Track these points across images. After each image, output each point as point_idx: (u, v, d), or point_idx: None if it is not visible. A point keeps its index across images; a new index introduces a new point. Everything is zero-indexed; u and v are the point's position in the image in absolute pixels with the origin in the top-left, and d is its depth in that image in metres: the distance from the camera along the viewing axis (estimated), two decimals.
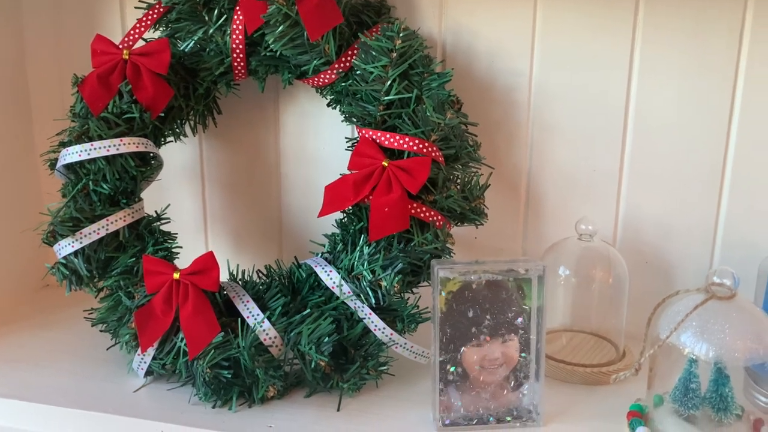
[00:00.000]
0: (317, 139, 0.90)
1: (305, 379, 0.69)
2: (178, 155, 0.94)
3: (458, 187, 0.74)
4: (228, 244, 0.97)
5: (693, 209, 0.80)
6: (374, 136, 0.72)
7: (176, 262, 0.77)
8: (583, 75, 0.80)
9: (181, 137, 0.87)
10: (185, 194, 0.96)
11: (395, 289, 0.66)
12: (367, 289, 0.68)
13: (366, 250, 0.68)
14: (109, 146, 0.73)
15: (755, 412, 0.59)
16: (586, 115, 0.81)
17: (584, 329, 0.80)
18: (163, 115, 0.79)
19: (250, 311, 0.69)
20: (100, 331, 0.76)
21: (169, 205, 0.81)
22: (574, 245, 0.76)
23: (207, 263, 0.68)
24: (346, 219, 0.74)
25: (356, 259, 0.69)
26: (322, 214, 0.70)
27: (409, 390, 0.71)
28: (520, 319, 0.64)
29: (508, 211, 0.86)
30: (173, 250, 0.78)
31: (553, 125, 0.82)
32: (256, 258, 0.90)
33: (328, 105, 0.81)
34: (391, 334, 0.69)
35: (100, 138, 0.73)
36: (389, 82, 0.72)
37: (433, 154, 0.71)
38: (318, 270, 0.70)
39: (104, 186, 0.74)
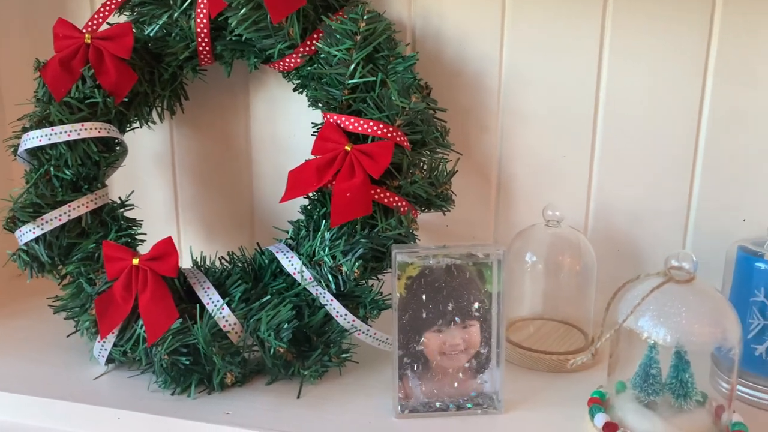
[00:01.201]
0: (288, 126, 0.89)
1: (267, 366, 0.68)
2: (149, 143, 0.93)
3: (425, 173, 0.73)
4: (200, 232, 0.96)
5: (664, 196, 0.79)
6: (338, 121, 0.71)
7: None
8: (553, 60, 0.79)
9: (149, 124, 0.86)
10: (156, 182, 0.95)
11: (356, 274, 0.65)
12: (328, 274, 0.67)
13: (327, 235, 0.67)
14: (70, 131, 0.72)
15: (718, 399, 0.58)
16: (557, 101, 0.80)
17: (554, 317, 0.79)
18: (127, 100, 0.78)
19: (210, 297, 0.68)
20: (64, 318, 0.75)
21: (133, 191, 0.80)
22: (542, 232, 0.75)
23: (166, 249, 0.67)
24: (310, 205, 0.73)
25: (317, 244, 0.68)
26: (284, 199, 0.69)
27: (373, 377, 0.70)
28: (477, 305, 0.63)
29: (480, 199, 0.85)
30: (137, 237, 0.77)
31: (524, 111, 0.81)
32: (228, 246, 0.89)
33: (295, 90, 0.80)
34: (354, 321, 0.68)
35: (62, 123, 0.72)
36: (353, 66, 0.71)
37: (398, 138, 0.70)
38: (279, 256, 0.70)
39: (66, 172, 0.73)
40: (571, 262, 0.74)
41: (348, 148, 0.68)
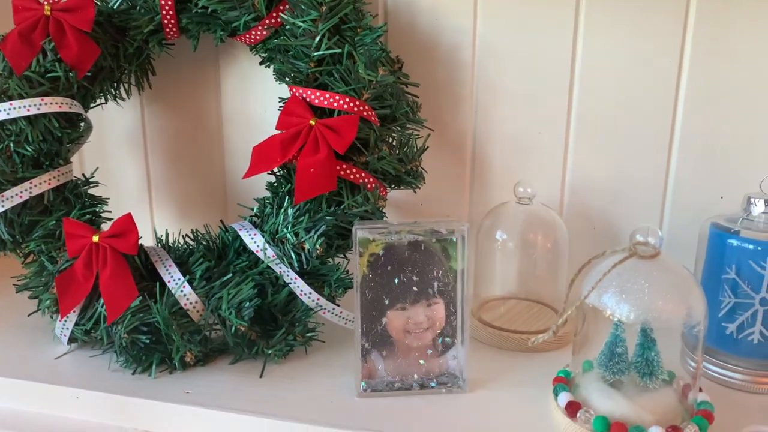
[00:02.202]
0: (259, 102, 0.87)
1: (230, 345, 0.67)
2: (119, 120, 0.92)
3: (394, 149, 0.71)
4: (173, 210, 0.94)
5: (640, 173, 0.77)
6: (304, 95, 0.69)
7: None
8: (528, 35, 0.77)
9: (118, 100, 0.84)
10: (128, 161, 0.94)
11: (318, 251, 0.64)
12: (291, 252, 0.65)
13: (291, 212, 0.66)
14: (30, 106, 0.70)
15: (686, 378, 0.57)
16: (532, 77, 0.78)
17: (528, 296, 0.78)
18: (90, 75, 0.76)
19: (172, 276, 0.67)
20: (28, 297, 0.74)
21: (97, 168, 0.78)
22: (513, 209, 0.73)
23: (125, 226, 0.66)
24: (276, 181, 0.71)
25: (281, 221, 0.66)
26: (247, 175, 0.68)
27: (339, 357, 0.69)
28: (441, 282, 0.61)
29: (454, 177, 0.83)
30: (101, 214, 0.75)
31: (498, 86, 0.79)
32: (201, 224, 0.88)
33: (261, 63, 0.78)
34: (318, 299, 0.66)
35: (21, 98, 0.70)
36: (319, 38, 0.69)
37: (365, 113, 0.68)
38: (242, 234, 0.68)
39: (27, 148, 0.71)
40: (542, 240, 0.73)
41: (312, 122, 0.66)
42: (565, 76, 0.77)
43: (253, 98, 0.87)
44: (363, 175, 0.68)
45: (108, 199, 0.77)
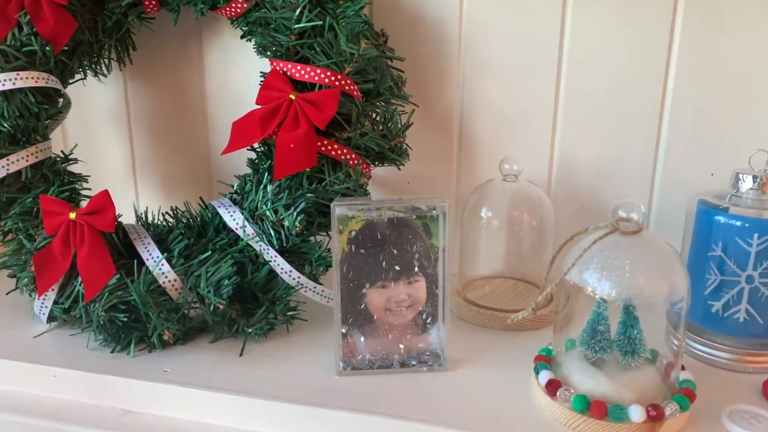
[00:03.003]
0: (243, 77, 0.85)
1: (209, 323, 0.66)
2: (102, 98, 0.90)
3: (378, 125, 0.70)
4: (158, 188, 0.93)
5: (630, 150, 0.76)
6: (285, 68, 0.68)
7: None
8: (516, 8, 0.75)
9: (99, 76, 0.83)
10: (112, 138, 0.92)
11: (297, 229, 0.63)
12: (270, 229, 0.64)
13: (270, 189, 0.65)
14: (5, 80, 0.69)
15: (669, 356, 0.56)
16: (520, 51, 0.76)
17: (515, 275, 0.77)
18: (68, 49, 0.74)
19: (150, 253, 0.66)
20: (8, 276, 0.73)
21: (76, 145, 0.77)
22: (499, 186, 0.72)
23: (102, 203, 0.64)
24: (256, 158, 0.70)
25: (260, 198, 0.65)
26: (225, 151, 0.66)
27: (321, 335, 0.68)
28: (423, 260, 0.60)
29: (441, 154, 0.82)
30: (81, 192, 0.74)
31: (486, 61, 0.78)
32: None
33: (242, 37, 0.76)
34: (299, 278, 0.66)
35: None
36: (299, 9, 0.67)
37: (347, 87, 0.66)
38: (221, 211, 0.67)
39: (3, 124, 0.69)
40: (528, 218, 0.71)
41: (292, 96, 0.65)
42: (554, 50, 0.75)
43: (237, 74, 0.85)
44: (345, 151, 0.67)
45: (88, 176, 0.76)
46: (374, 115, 0.70)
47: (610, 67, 0.74)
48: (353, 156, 0.67)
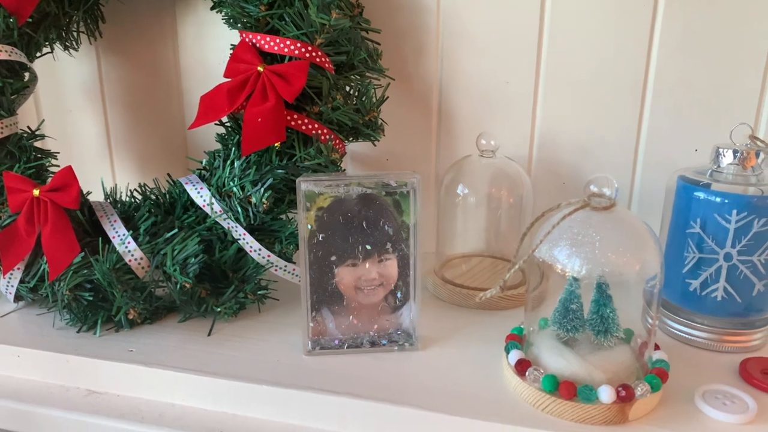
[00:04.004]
0: (218, 51, 0.83)
1: (177, 302, 0.65)
2: (76, 73, 0.88)
3: (351, 99, 0.68)
4: (134, 164, 0.91)
5: (613, 125, 0.74)
6: (254, 40, 0.65)
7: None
8: None
9: (70, 50, 0.81)
10: (87, 115, 0.90)
11: (264, 206, 0.61)
12: (238, 206, 0.62)
13: (237, 164, 0.63)
14: None
15: (644, 336, 0.55)
16: (500, 22, 0.74)
17: (494, 254, 0.75)
18: (33, 21, 0.72)
19: (117, 231, 0.64)
20: None
21: (43, 120, 0.75)
22: (476, 163, 0.70)
23: (66, 179, 0.63)
24: (225, 133, 0.68)
25: (227, 174, 0.63)
26: (193, 125, 0.64)
27: (293, 315, 0.66)
28: (394, 237, 0.58)
29: (420, 130, 0.80)
30: (49, 168, 0.72)
31: (465, 33, 0.75)
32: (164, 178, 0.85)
33: (212, 8, 0.73)
34: (269, 256, 0.64)
35: None
36: None
37: (317, 59, 0.64)
38: (188, 188, 0.65)
39: None
40: (506, 195, 0.70)
41: (260, 69, 0.63)
42: (535, 22, 0.73)
43: (212, 48, 0.83)
44: (316, 126, 0.65)
45: (57, 153, 0.74)
46: (348, 89, 0.68)
47: (592, 41, 0.72)
48: (325, 131, 0.65)
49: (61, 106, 0.91)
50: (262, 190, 0.61)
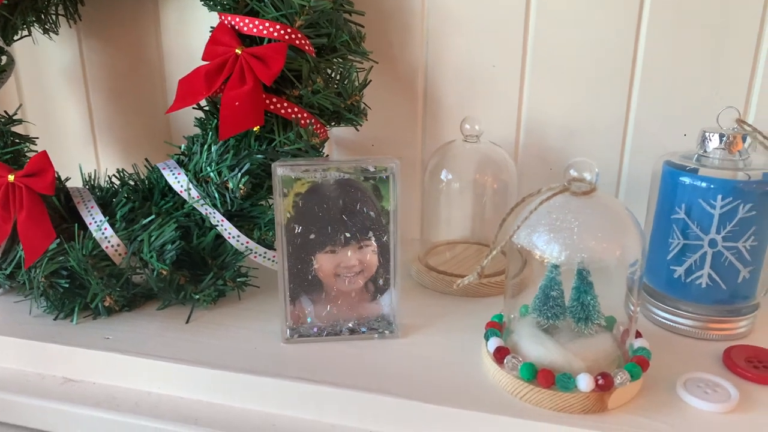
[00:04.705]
0: (200, 35, 0.81)
1: (155, 290, 0.64)
2: (58, 58, 0.87)
3: (332, 83, 0.66)
4: (118, 152, 0.90)
5: (601, 109, 0.72)
6: (232, 22, 0.64)
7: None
8: None
9: (50, 34, 0.79)
10: (70, 100, 0.89)
11: (241, 191, 0.60)
12: (215, 192, 0.61)
13: (215, 149, 0.62)
14: None
15: (626, 323, 0.54)
16: (486, 4, 0.72)
17: (479, 240, 0.74)
18: (8, 3, 0.70)
19: (93, 217, 0.63)
20: None
21: (21, 105, 0.74)
22: (460, 148, 0.69)
23: (41, 164, 0.62)
24: (204, 116, 0.67)
25: (204, 159, 0.62)
26: (170, 110, 0.63)
27: (274, 302, 0.65)
28: (369, 224, 0.57)
29: (405, 114, 0.79)
30: (27, 154, 0.71)
31: (451, 15, 0.73)
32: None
33: None
34: (247, 243, 0.63)
35: None
36: None
37: (297, 41, 0.63)
38: (165, 173, 0.64)
39: None
40: (491, 181, 0.69)
41: (238, 51, 0.61)
42: (521, 4, 0.71)
43: (194, 31, 0.82)
44: (296, 110, 0.64)
45: (36, 138, 0.73)
46: (330, 72, 0.67)
47: (580, 24, 0.70)
48: (305, 115, 0.64)
49: (44, 91, 0.89)
50: (239, 175, 0.60)
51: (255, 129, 0.63)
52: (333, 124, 0.68)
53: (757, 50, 0.67)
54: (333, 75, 0.67)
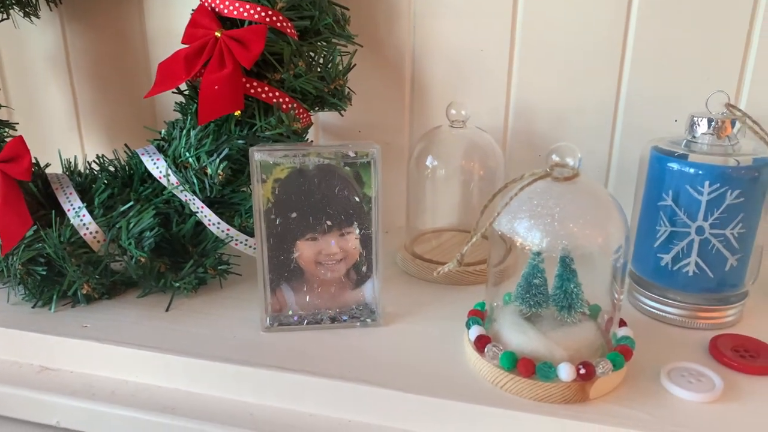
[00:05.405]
0: (184, 18, 0.78)
1: (134, 277, 0.63)
2: (41, 43, 0.85)
3: (315, 66, 0.65)
4: (103, 137, 0.89)
5: (591, 94, 0.71)
6: (213, 4, 0.62)
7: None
8: None
9: (32, 17, 0.78)
10: (54, 88, 0.88)
11: (220, 177, 0.59)
12: (194, 178, 0.60)
13: (193, 134, 0.60)
14: None
15: (610, 311, 0.53)
16: None
17: (467, 228, 0.72)
18: None
19: (72, 204, 0.62)
20: None
21: (0, 89, 0.72)
22: (446, 134, 0.67)
23: (17, 150, 0.60)
24: (184, 101, 0.66)
25: (183, 145, 0.61)
26: (149, 94, 0.62)
27: (255, 291, 0.64)
28: (355, 210, 0.56)
29: (393, 100, 0.77)
30: (6, 139, 0.70)
31: None
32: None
33: None
34: (228, 230, 0.62)
35: None
36: None
37: (278, 24, 0.61)
38: (144, 159, 0.63)
39: None
40: (477, 167, 0.67)
41: (218, 34, 0.60)
42: None
43: (179, 14, 0.80)
44: (277, 94, 0.62)
45: (16, 123, 0.72)
46: (313, 56, 0.66)
47: (569, 7, 0.69)
48: (287, 99, 0.63)
49: (26, 75, 0.88)
50: (218, 160, 0.59)
51: (236, 113, 0.62)
52: (317, 109, 0.67)
53: (749, 34, 0.66)
54: (316, 59, 0.66)
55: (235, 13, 0.62)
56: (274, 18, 0.61)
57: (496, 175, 0.67)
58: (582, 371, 0.47)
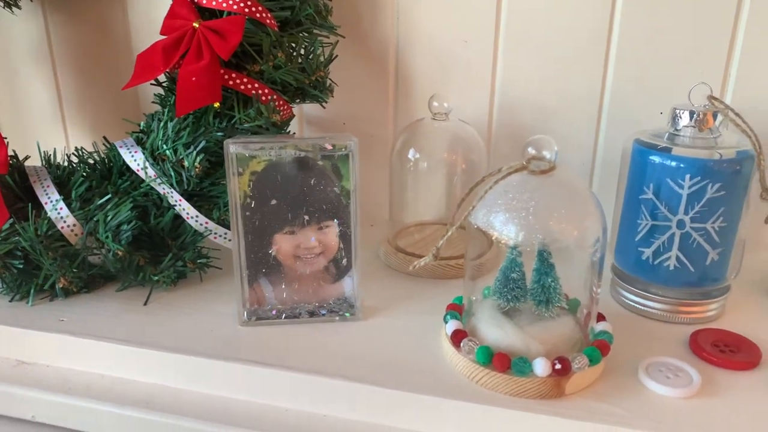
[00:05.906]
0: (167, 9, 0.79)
1: (112, 271, 0.62)
2: (23, 33, 0.84)
3: (295, 58, 0.64)
4: (88, 129, 0.88)
5: (576, 86, 0.70)
6: None
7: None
8: None
9: (13, 8, 0.77)
10: (37, 80, 0.87)
11: (197, 170, 0.58)
12: (171, 170, 0.59)
13: (171, 126, 0.60)
14: None
15: (590, 306, 0.52)
16: None
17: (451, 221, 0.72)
18: None
19: (49, 196, 0.61)
20: None
21: None
22: (428, 126, 0.67)
23: None
24: (163, 93, 0.65)
25: (160, 137, 0.60)
26: (127, 86, 0.61)
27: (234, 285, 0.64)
28: (333, 203, 0.55)
29: (377, 92, 0.76)
30: None
31: None
32: None
33: None
34: (206, 223, 0.61)
35: None
36: None
37: (257, 14, 0.61)
38: (122, 151, 0.62)
39: None
40: (460, 160, 0.67)
41: (196, 24, 0.59)
42: None
43: (162, 5, 0.79)
44: (256, 85, 0.62)
45: None
46: (296, 47, 0.65)
47: None
48: (266, 91, 0.62)
49: (9, 67, 0.87)
50: (195, 153, 0.58)
51: (215, 105, 0.61)
52: (297, 101, 0.66)
53: (735, 26, 0.65)
54: (297, 50, 0.65)
55: (214, 3, 0.61)
56: (253, 9, 0.61)
57: (479, 168, 0.66)
58: (557, 366, 0.47)
